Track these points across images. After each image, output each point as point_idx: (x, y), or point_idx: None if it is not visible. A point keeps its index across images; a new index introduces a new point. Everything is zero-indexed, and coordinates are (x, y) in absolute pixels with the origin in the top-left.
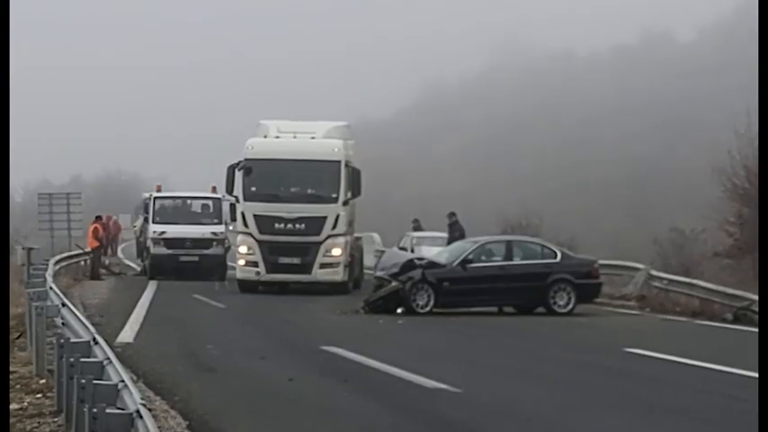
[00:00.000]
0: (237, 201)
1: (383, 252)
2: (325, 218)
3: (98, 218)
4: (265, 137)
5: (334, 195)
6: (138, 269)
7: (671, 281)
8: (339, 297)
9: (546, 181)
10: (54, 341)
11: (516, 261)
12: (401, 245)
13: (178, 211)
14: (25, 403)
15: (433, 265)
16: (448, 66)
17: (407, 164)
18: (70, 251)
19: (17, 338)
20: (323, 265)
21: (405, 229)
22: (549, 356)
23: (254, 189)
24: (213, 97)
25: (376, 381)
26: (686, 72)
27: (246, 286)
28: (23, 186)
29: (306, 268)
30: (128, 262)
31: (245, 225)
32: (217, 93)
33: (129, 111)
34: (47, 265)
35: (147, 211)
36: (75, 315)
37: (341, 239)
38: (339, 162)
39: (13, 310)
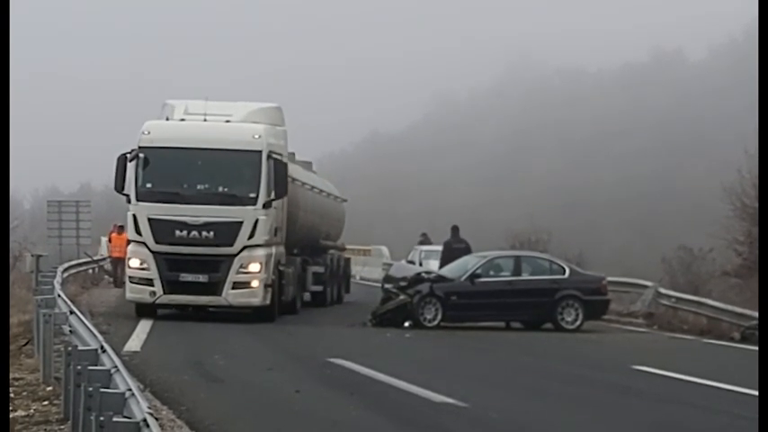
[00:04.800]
0: (129, 201)
1: (391, 265)
2: (241, 224)
3: (120, 227)
4: (168, 119)
5: (252, 195)
6: None
7: (679, 299)
8: (347, 310)
9: (555, 197)
10: (61, 349)
11: (524, 276)
12: (410, 258)
13: None
14: (32, 410)
15: (441, 278)
16: (458, 81)
17: (417, 178)
18: (78, 259)
19: (24, 345)
20: (236, 285)
21: (414, 243)
22: (556, 372)
23: (149, 186)
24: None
25: (383, 394)
26: (696, 91)
27: (144, 310)
28: (32, 193)
29: (214, 288)
30: None
31: (138, 232)
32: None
33: (137, 119)
34: (55, 272)
35: None
36: (83, 323)
37: (260, 252)
38: (260, 152)
39: (20, 317)
